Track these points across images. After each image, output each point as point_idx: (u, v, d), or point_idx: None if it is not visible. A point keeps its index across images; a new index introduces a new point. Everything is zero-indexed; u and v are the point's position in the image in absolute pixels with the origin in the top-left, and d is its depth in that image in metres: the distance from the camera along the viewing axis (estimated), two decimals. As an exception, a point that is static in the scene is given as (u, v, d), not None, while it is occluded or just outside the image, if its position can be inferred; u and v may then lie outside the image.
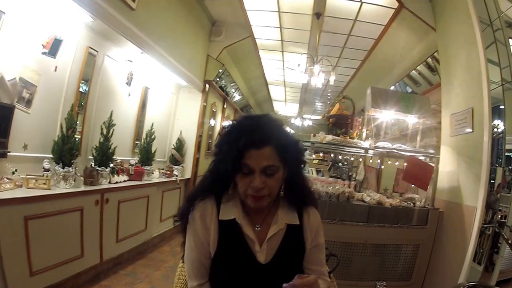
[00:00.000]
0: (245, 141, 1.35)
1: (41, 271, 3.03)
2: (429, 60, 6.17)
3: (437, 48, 5.05)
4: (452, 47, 4.46)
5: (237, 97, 10.70)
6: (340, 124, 4.57)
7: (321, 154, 9.04)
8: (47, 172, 3.36)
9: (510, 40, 3.86)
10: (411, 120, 4.68)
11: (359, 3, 5.71)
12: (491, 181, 3.60)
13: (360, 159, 5.83)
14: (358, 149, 4.39)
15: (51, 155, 3.48)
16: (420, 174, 4.17)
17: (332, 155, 6.99)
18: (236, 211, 1.47)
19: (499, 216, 3.64)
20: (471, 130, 3.85)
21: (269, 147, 1.37)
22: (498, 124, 3.73)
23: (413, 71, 6.96)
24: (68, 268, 3.42)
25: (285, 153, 1.41)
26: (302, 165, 1.56)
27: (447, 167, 4.28)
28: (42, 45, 3.40)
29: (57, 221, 3.22)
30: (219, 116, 9.18)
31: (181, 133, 7.03)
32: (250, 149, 1.35)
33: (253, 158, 1.35)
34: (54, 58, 3.57)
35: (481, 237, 3.57)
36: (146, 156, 5.37)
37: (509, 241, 3.25)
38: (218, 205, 1.48)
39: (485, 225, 3.56)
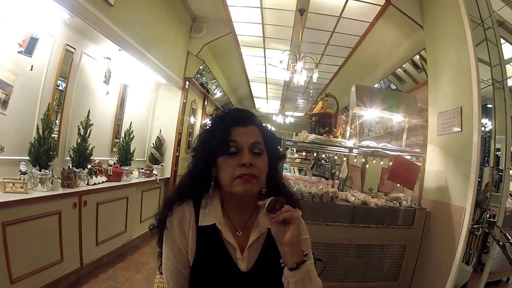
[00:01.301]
0: (231, 119, 1.40)
1: (22, 277, 3.02)
2: (415, 57, 6.26)
3: (424, 46, 5.13)
4: (440, 45, 4.53)
5: (218, 94, 10.68)
6: (323, 122, 4.54)
7: (303, 153, 9.11)
8: (24, 176, 3.33)
9: (501, 39, 3.92)
10: (397, 118, 4.74)
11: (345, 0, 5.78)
12: (479, 179, 3.65)
13: (344, 158, 5.88)
14: (342, 149, 4.38)
15: (28, 158, 3.44)
16: (406, 173, 4.22)
17: (315, 154, 7.04)
18: (216, 216, 1.42)
19: (488, 216, 3.70)
20: (459, 130, 3.91)
21: (254, 126, 1.42)
22: (485, 123, 3.81)
23: (398, 68, 7.04)
24: (49, 273, 3.41)
25: (267, 140, 1.44)
26: (281, 161, 1.59)
27: (434, 166, 4.35)
28: (18, 43, 3.36)
29: (35, 226, 3.19)
30: (199, 113, 9.17)
31: (160, 131, 7.02)
32: (235, 127, 1.37)
33: (240, 134, 1.37)
34: (31, 56, 3.53)
35: (470, 237, 3.62)
36: (125, 156, 5.36)
37: (500, 242, 3.30)
38: (196, 210, 1.43)
39: (474, 226, 3.62)
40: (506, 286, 4.14)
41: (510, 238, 3.27)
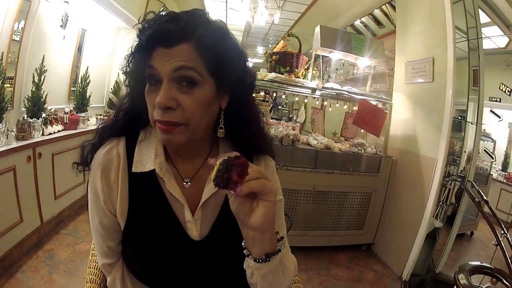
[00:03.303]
0: (152, 33, 0.85)
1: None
2: (377, 12, 5.85)
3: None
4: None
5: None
6: (284, 62, 4.10)
7: (262, 93, 8.67)
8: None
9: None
10: (362, 63, 4.40)
11: None
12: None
13: (306, 100, 5.53)
14: (305, 89, 3.96)
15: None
16: (372, 119, 3.96)
17: (274, 94, 6.67)
18: (156, 158, 0.96)
19: (459, 171, 3.53)
20: (431, 80, 3.63)
21: (186, 45, 0.85)
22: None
23: (359, 23, 6.65)
24: (10, 236, 3.00)
25: (215, 60, 0.88)
26: (250, 92, 1.04)
27: (402, 115, 4.10)
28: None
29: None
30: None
31: (118, 75, 6.32)
32: (157, 47, 0.85)
33: (159, 58, 0.84)
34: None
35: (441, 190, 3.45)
36: (81, 102, 4.83)
37: (476, 199, 3.12)
38: (130, 153, 0.98)
39: (446, 179, 3.44)
40: (470, 240, 4.06)
41: (483, 194, 3.11)
